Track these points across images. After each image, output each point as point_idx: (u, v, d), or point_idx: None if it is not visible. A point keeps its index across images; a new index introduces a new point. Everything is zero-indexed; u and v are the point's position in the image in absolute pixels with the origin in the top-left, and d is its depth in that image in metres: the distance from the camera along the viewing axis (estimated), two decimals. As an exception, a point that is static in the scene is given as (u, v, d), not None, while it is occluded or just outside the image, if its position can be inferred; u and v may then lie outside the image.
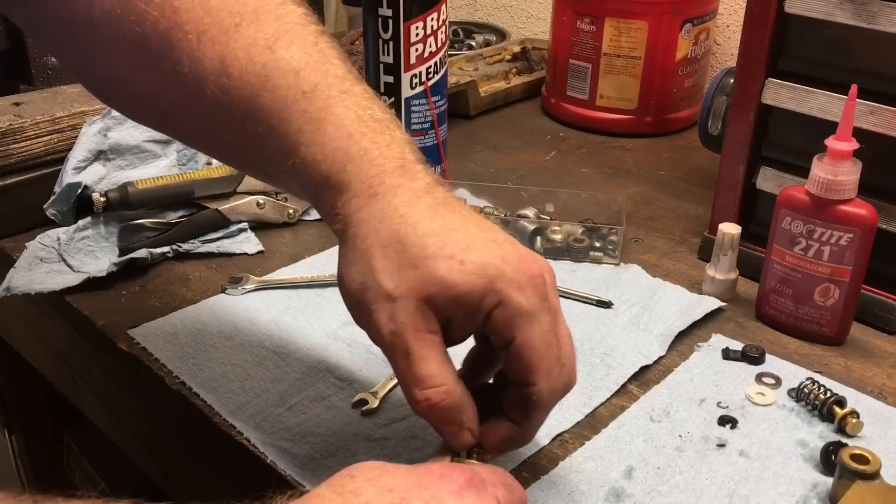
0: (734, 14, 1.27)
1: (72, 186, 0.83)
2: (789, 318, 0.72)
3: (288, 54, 0.52)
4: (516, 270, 0.48)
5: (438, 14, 0.88)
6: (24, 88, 0.98)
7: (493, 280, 0.47)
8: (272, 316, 0.74)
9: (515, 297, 0.47)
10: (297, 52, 0.52)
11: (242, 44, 0.51)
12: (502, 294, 0.47)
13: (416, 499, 0.42)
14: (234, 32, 0.52)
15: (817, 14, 0.72)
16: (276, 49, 0.52)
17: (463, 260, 0.47)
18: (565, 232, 0.84)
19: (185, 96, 0.53)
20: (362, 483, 0.43)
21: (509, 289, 0.47)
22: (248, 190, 0.87)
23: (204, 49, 0.51)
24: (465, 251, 0.48)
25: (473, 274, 0.47)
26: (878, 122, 0.70)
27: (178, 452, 0.74)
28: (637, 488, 0.56)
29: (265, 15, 0.53)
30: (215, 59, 0.51)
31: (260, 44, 0.52)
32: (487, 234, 0.49)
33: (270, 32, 0.52)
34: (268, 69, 0.51)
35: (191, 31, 0.51)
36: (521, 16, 1.56)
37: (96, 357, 0.79)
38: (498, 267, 0.48)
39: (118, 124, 0.87)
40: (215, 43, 0.51)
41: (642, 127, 1.16)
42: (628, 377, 0.67)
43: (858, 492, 0.52)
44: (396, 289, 0.47)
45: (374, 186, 0.50)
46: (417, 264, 0.47)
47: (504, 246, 0.49)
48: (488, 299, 0.47)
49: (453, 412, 0.49)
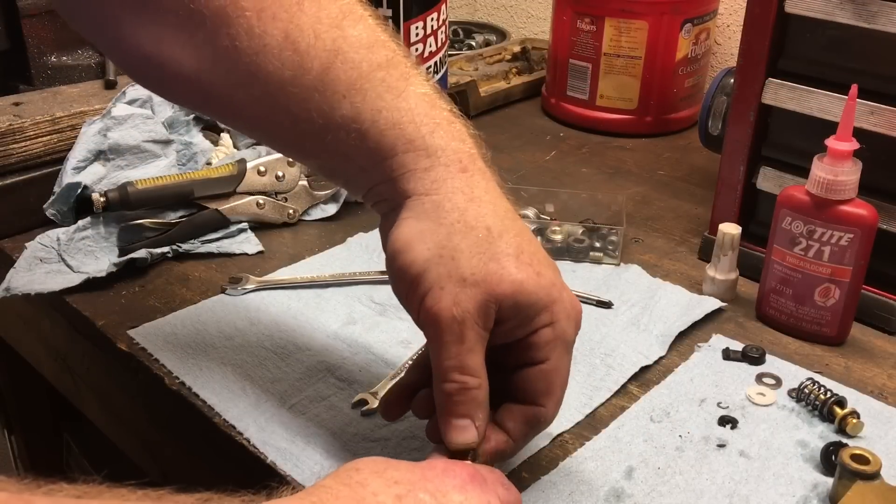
0: (734, 14, 1.27)
1: (71, 186, 0.83)
2: (790, 318, 0.72)
3: (356, 32, 0.52)
4: (570, 301, 0.51)
5: (438, 14, 0.88)
6: (24, 88, 0.97)
7: (554, 301, 0.49)
8: (272, 316, 0.74)
9: (564, 324, 0.50)
10: (363, 30, 0.52)
11: (307, 21, 0.51)
12: (556, 317, 0.50)
13: (421, 491, 0.43)
14: (297, 10, 0.52)
15: (817, 14, 0.72)
16: (344, 27, 0.52)
17: (539, 272, 0.49)
18: (565, 232, 0.84)
19: (237, 73, 0.53)
20: (368, 475, 0.43)
21: (562, 315, 0.50)
22: (247, 190, 0.87)
23: (265, 25, 0.51)
24: (540, 264, 0.49)
25: (544, 289, 0.49)
26: (879, 122, 0.70)
27: (178, 452, 0.74)
28: (637, 489, 0.56)
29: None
30: (278, 35, 0.51)
31: (325, 21, 0.52)
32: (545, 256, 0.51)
33: (335, 11, 0.52)
34: (338, 44, 0.51)
35: (249, 7, 0.51)
36: (521, 16, 1.56)
37: (96, 357, 0.78)
38: (560, 292, 0.50)
39: (118, 124, 0.87)
40: (276, 19, 0.51)
41: (642, 127, 1.16)
42: (628, 377, 0.67)
43: (859, 492, 0.52)
44: (473, 276, 0.48)
45: (464, 161, 0.50)
46: (500, 259, 0.48)
47: (556, 274, 0.51)
48: (544, 317, 0.49)
49: (476, 406, 0.49)
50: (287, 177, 0.88)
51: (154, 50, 0.55)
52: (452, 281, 0.48)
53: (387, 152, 0.51)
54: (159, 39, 0.54)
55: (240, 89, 0.54)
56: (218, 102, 0.59)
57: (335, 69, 0.51)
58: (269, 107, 0.55)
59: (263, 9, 0.51)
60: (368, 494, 0.42)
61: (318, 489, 0.42)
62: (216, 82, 0.55)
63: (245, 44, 0.51)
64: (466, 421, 0.49)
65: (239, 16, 0.51)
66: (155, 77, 0.60)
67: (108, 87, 0.97)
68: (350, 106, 0.51)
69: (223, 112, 0.62)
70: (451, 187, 0.49)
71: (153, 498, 0.37)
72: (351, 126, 0.51)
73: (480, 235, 0.48)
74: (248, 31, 0.51)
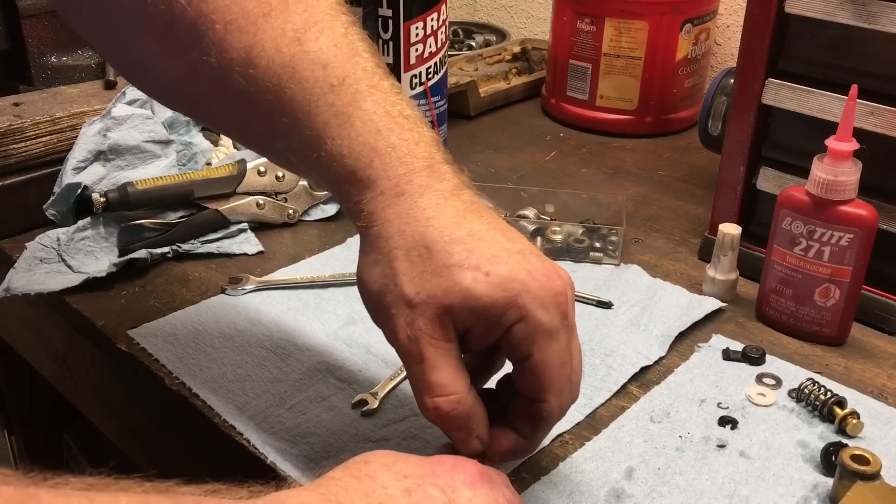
0: (734, 14, 1.27)
1: (71, 187, 0.83)
2: (790, 318, 0.72)
3: (316, 46, 0.51)
4: (542, 286, 0.47)
5: (438, 14, 0.88)
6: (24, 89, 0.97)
7: (517, 295, 0.47)
8: (272, 316, 0.74)
9: (538, 313, 0.47)
10: (325, 43, 0.51)
11: (270, 34, 0.51)
12: (525, 310, 0.47)
13: (430, 485, 0.43)
14: (263, 22, 0.51)
15: (818, 14, 0.72)
16: (305, 41, 0.51)
17: (488, 272, 0.47)
18: (565, 232, 0.84)
19: (211, 85, 0.53)
20: (377, 468, 0.43)
21: (533, 305, 0.47)
22: (247, 190, 0.87)
23: (231, 39, 0.51)
24: (490, 262, 0.47)
25: (498, 287, 0.46)
26: (879, 122, 0.70)
27: (178, 453, 0.74)
28: (637, 489, 0.56)
29: (295, 4, 0.52)
30: (242, 50, 0.51)
31: (288, 35, 0.51)
32: (514, 245, 0.49)
33: (299, 23, 0.51)
34: (295, 61, 0.50)
35: (217, 20, 0.51)
36: (521, 16, 1.56)
37: (96, 357, 0.78)
38: (523, 281, 0.47)
39: (118, 125, 0.87)
40: (242, 33, 0.51)
41: (642, 127, 1.16)
42: (628, 378, 0.67)
43: (859, 492, 0.52)
44: (417, 295, 0.47)
45: (401, 185, 0.49)
46: (441, 272, 0.47)
47: (530, 258, 0.48)
48: (511, 314, 0.47)
49: (463, 420, 0.49)
50: (287, 177, 0.88)
51: (142, 56, 0.56)
52: (400, 305, 0.47)
53: (337, 182, 0.51)
54: (145, 47, 0.55)
55: (216, 100, 0.55)
56: (199, 110, 0.60)
57: (290, 90, 0.50)
58: (242, 120, 0.55)
59: (230, 21, 0.51)
60: (378, 487, 0.42)
61: (327, 481, 0.42)
62: (196, 92, 0.55)
63: (214, 59, 0.51)
64: (464, 433, 0.49)
65: (208, 29, 0.51)
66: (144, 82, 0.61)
67: (107, 88, 0.97)
68: (303, 131, 0.51)
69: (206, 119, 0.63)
70: (385, 217, 0.49)
71: (160, 490, 0.37)
72: (306, 152, 0.51)
73: (420, 254, 0.47)
74: (216, 45, 0.51)
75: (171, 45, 0.53)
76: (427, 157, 0.50)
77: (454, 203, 0.49)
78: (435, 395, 0.48)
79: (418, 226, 0.48)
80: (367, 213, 0.50)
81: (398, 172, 0.49)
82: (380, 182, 0.49)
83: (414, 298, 0.47)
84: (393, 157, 0.49)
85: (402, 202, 0.49)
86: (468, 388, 0.49)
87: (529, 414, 0.50)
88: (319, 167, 0.51)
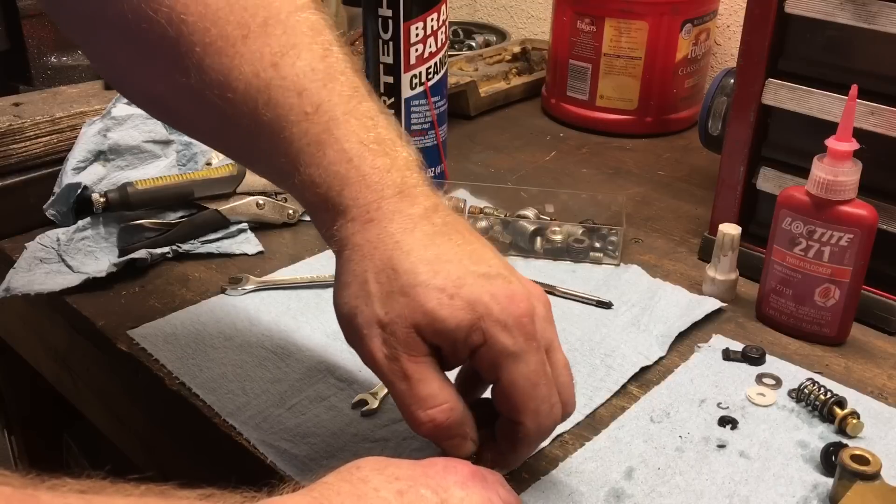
0: (734, 14, 1.27)
1: (71, 187, 0.83)
2: (790, 318, 0.72)
3: (293, 71, 0.51)
4: (504, 310, 0.48)
5: (438, 14, 0.88)
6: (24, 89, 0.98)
7: (479, 318, 0.47)
8: (272, 316, 0.74)
9: (501, 337, 0.47)
10: (302, 68, 0.51)
11: (248, 58, 0.51)
12: (487, 334, 0.47)
13: (422, 487, 0.43)
14: (241, 45, 0.51)
15: (817, 14, 0.72)
16: (281, 66, 0.51)
17: (452, 294, 0.47)
18: (565, 232, 0.84)
19: (192, 105, 0.53)
20: (369, 472, 0.43)
21: (494, 328, 0.47)
22: (247, 190, 0.87)
23: (210, 61, 0.51)
24: (455, 285, 0.47)
25: (461, 310, 0.47)
26: (879, 122, 0.70)
27: (178, 453, 0.74)
28: (637, 489, 0.56)
29: (274, 27, 0.51)
30: (220, 73, 0.51)
31: (266, 59, 0.51)
32: (480, 268, 0.49)
33: (277, 47, 0.51)
34: (271, 87, 0.50)
35: (197, 42, 0.51)
36: (521, 16, 1.56)
37: (96, 358, 0.78)
38: (486, 304, 0.47)
39: (118, 125, 0.87)
40: (221, 55, 0.51)
41: (642, 127, 1.16)
42: (628, 378, 0.67)
43: (859, 492, 0.52)
44: (387, 315, 0.48)
45: (371, 212, 0.50)
46: (407, 292, 0.47)
47: (495, 281, 0.49)
48: (474, 337, 0.47)
49: (455, 428, 0.49)
50: (287, 177, 0.88)
51: (127, 68, 0.56)
52: (373, 325, 0.48)
53: (310, 209, 0.52)
54: (126, 62, 0.55)
55: (199, 118, 0.55)
56: (184, 125, 0.61)
57: (265, 117, 0.51)
58: (224, 139, 0.56)
59: (209, 43, 0.51)
60: (370, 490, 0.42)
61: (319, 486, 0.42)
62: (180, 108, 0.56)
63: (193, 80, 0.51)
64: (457, 439, 0.50)
65: (189, 51, 0.51)
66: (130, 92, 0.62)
67: (107, 88, 0.97)
68: (279, 157, 0.51)
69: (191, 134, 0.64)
70: (355, 243, 0.49)
71: (156, 493, 0.37)
72: (283, 176, 0.52)
73: (388, 276, 0.48)
74: (196, 67, 0.51)
75: (154, 63, 0.53)
76: (398, 183, 0.50)
77: (423, 227, 0.50)
78: (427, 407, 0.48)
79: (386, 249, 0.49)
80: (339, 238, 0.50)
81: (367, 200, 0.50)
82: (350, 210, 0.50)
83: (384, 318, 0.48)
84: (363, 186, 0.50)
85: (371, 228, 0.49)
86: (456, 395, 0.49)
87: (509, 434, 0.51)
88: (295, 192, 0.52)
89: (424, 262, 0.48)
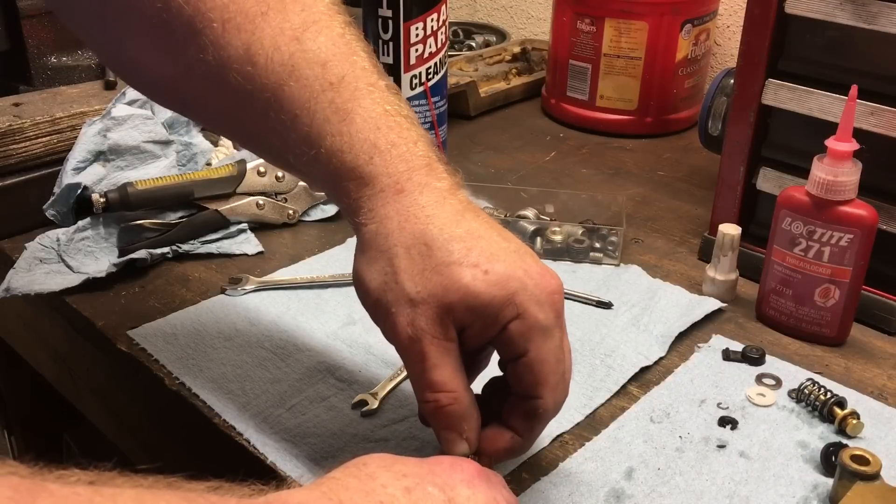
0: (734, 14, 1.27)
1: (71, 187, 0.83)
2: (790, 318, 0.72)
3: (315, 45, 0.51)
4: (537, 285, 0.48)
5: (438, 15, 0.88)
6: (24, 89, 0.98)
7: (514, 293, 0.48)
8: (272, 317, 0.74)
9: (534, 311, 0.48)
10: (324, 42, 0.52)
11: (269, 33, 0.51)
12: (522, 307, 0.48)
13: (429, 484, 0.43)
14: (261, 21, 0.51)
15: (817, 14, 0.72)
16: (304, 39, 0.51)
17: (487, 270, 0.47)
18: (565, 233, 0.84)
19: (207, 83, 0.53)
20: (376, 469, 0.43)
21: (529, 303, 0.48)
22: (247, 191, 0.87)
23: (229, 37, 0.51)
24: (489, 260, 0.48)
25: (496, 285, 0.47)
26: (879, 122, 0.70)
27: (178, 453, 0.74)
28: (637, 489, 0.56)
29: (292, 4, 0.52)
30: (240, 48, 0.51)
31: (287, 34, 0.51)
32: (510, 245, 0.50)
33: (298, 22, 0.52)
34: (294, 59, 0.51)
35: (215, 18, 0.51)
36: (521, 16, 1.56)
37: (96, 358, 0.78)
38: (520, 279, 0.48)
39: (118, 125, 0.87)
40: (240, 31, 0.51)
41: (642, 127, 1.16)
42: (628, 378, 0.67)
43: (859, 493, 0.52)
44: (419, 294, 0.47)
45: (401, 182, 0.49)
46: (441, 270, 0.47)
47: (525, 258, 0.49)
48: (508, 311, 0.48)
49: (457, 419, 0.49)
50: (287, 177, 0.88)
51: (137, 55, 0.56)
52: (402, 303, 0.48)
53: (335, 179, 0.51)
54: (141, 46, 0.55)
55: (211, 99, 0.55)
56: (194, 109, 0.60)
57: (289, 88, 0.51)
58: (237, 119, 0.55)
59: (228, 19, 0.51)
60: (378, 486, 0.42)
61: (327, 480, 0.42)
62: (191, 90, 0.56)
63: (210, 56, 0.51)
64: (453, 434, 0.50)
65: (205, 27, 0.51)
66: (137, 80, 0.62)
67: (107, 88, 0.97)
68: (301, 128, 0.51)
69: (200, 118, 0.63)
70: (385, 214, 0.49)
71: (164, 484, 0.37)
72: (303, 149, 0.51)
73: (420, 252, 0.48)
74: (213, 44, 0.51)
75: (167, 44, 0.53)
76: (425, 155, 0.51)
77: (452, 202, 0.50)
78: (435, 391, 0.48)
79: (418, 223, 0.48)
80: (367, 209, 0.50)
81: (398, 170, 0.50)
82: (380, 178, 0.50)
83: (415, 297, 0.48)
84: (393, 155, 0.50)
85: (401, 199, 0.49)
86: (466, 388, 0.49)
87: (525, 412, 0.51)
88: (317, 164, 0.51)
89: (457, 238, 0.48)
